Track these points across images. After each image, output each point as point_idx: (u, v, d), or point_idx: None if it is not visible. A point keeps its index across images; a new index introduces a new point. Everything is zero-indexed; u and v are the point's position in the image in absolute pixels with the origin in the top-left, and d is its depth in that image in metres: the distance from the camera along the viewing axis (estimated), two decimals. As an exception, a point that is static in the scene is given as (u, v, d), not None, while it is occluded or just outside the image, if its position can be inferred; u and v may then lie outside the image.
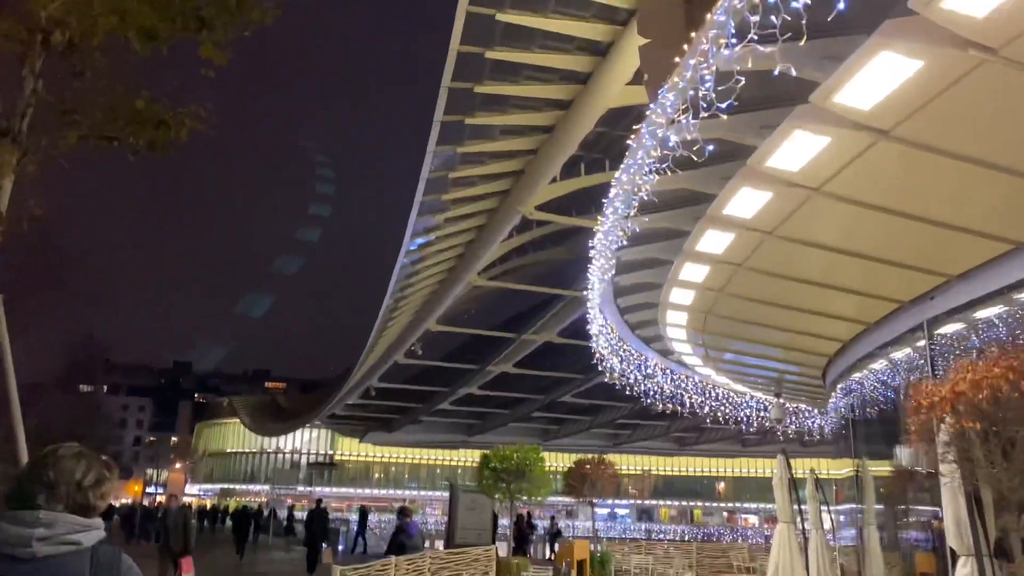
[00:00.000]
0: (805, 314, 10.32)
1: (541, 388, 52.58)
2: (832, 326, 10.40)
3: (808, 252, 7.96)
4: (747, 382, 14.52)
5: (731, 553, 19.77)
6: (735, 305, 10.17)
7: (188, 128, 5.64)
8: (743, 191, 6.89)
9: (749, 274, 8.79)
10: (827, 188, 6.46)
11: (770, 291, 9.46)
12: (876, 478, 10.70)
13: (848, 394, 11.47)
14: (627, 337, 13.17)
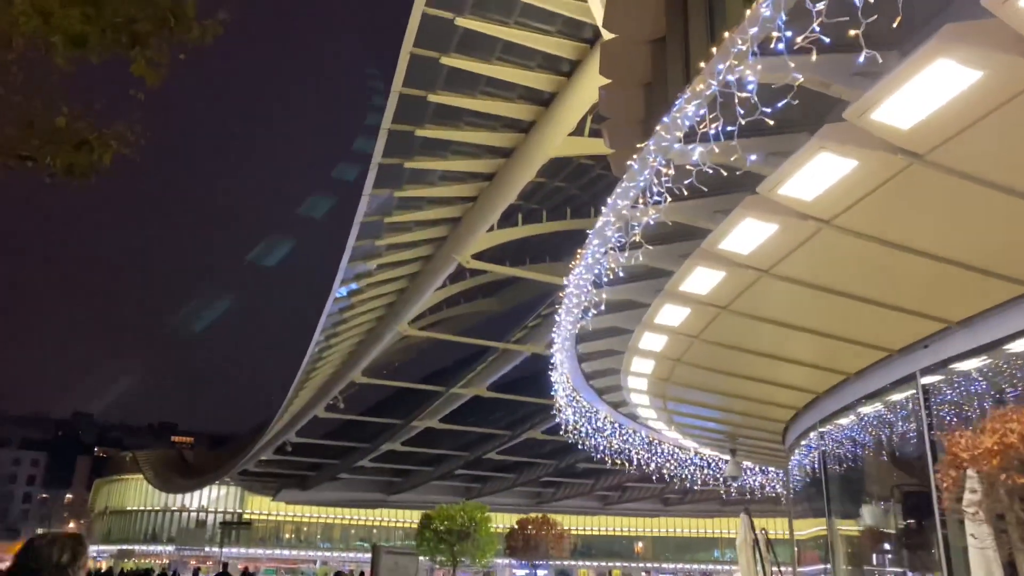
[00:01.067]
0: (762, 382, 10.12)
1: (466, 444, 51.30)
2: (789, 393, 10.15)
3: (760, 325, 8.33)
4: (701, 440, 14.09)
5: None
6: (693, 373, 10.11)
7: (113, 151, 5.11)
8: (698, 270, 7.24)
9: (705, 345, 9.10)
10: (775, 270, 6.87)
11: (727, 360, 9.51)
12: (845, 538, 10.30)
13: (810, 452, 11.11)
14: (581, 387, 12.59)
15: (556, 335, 11.16)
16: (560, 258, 31.68)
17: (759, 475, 19.20)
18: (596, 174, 26.49)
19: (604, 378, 11.85)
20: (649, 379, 10.57)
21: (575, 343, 10.16)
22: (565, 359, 11.42)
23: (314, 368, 32.98)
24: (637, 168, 6.45)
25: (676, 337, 9.11)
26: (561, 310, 10.32)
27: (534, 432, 44.93)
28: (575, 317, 9.55)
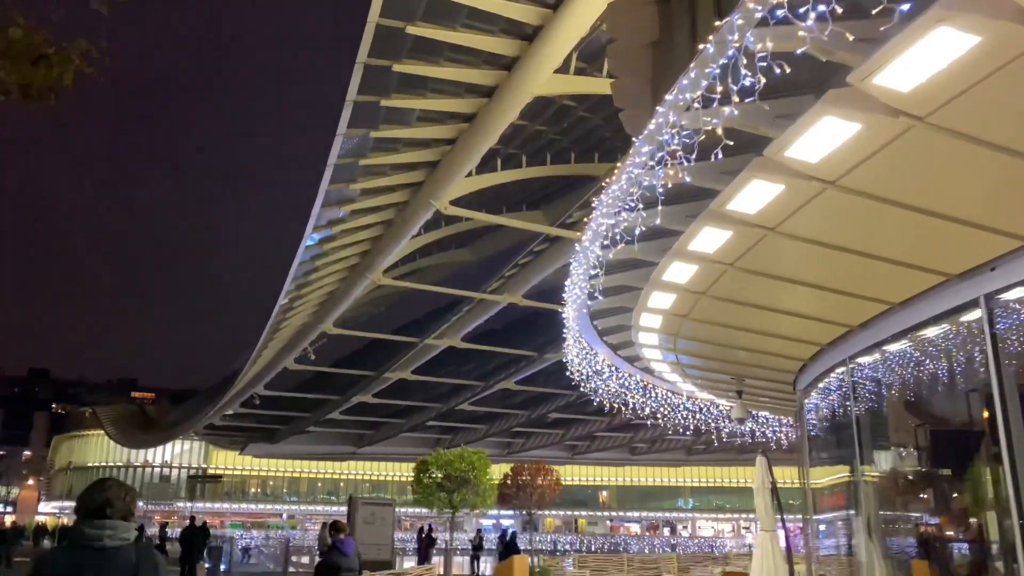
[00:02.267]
0: (778, 312, 9.70)
1: (438, 396, 50.88)
2: (811, 327, 9.74)
3: (771, 281, 8.56)
4: (705, 383, 13.69)
5: (661, 563, 19.04)
6: (712, 310, 9.94)
7: (74, 68, 4.70)
8: (706, 229, 7.45)
9: (713, 300, 9.29)
10: (781, 228, 7.11)
11: (745, 296, 9.37)
12: (880, 483, 9.94)
13: (828, 396, 10.67)
14: (585, 328, 12.04)
15: (570, 278, 10.57)
16: (538, 206, 30.94)
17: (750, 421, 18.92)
18: (578, 116, 25.64)
19: (608, 318, 11.30)
20: (663, 317, 10.09)
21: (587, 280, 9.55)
22: (573, 299, 10.86)
23: (284, 319, 32.00)
24: (652, 131, 6.39)
25: (684, 294, 9.13)
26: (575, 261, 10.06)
27: (507, 382, 44.62)
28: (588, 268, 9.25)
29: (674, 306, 9.50)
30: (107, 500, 3.59)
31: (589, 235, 8.55)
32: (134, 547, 3.59)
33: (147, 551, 3.65)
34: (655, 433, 66.15)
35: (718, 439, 21.25)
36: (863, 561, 9.30)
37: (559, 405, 50.32)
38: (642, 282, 9.01)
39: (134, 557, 3.55)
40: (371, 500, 33.34)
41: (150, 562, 3.61)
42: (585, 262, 9.12)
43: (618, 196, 7.35)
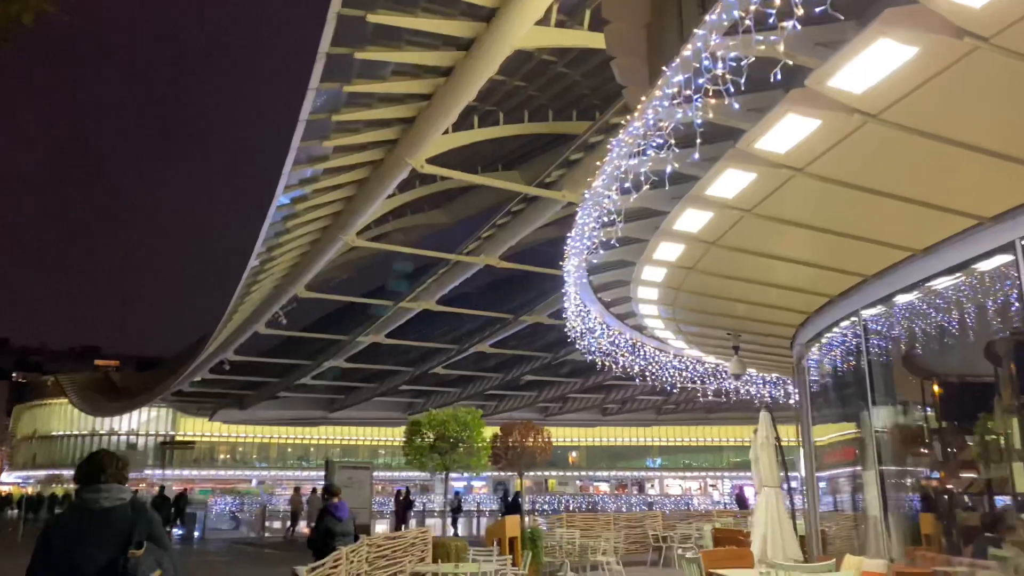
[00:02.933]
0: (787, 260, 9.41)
1: (411, 360, 50.48)
2: (819, 277, 9.51)
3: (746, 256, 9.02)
4: (701, 339, 13.47)
5: (646, 522, 19.01)
6: (707, 280, 10.33)
7: (34, 7, 4.55)
8: (688, 211, 7.88)
9: (701, 274, 9.81)
10: (757, 210, 7.53)
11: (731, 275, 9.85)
12: (894, 438, 9.79)
13: (831, 350, 10.44)
14: (580, 284, 11.69)
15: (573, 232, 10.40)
16: (514, 166, 30.36)
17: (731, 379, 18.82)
18: (557, 72, 25.03)
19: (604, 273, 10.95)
20: (668, 269, 9.92)
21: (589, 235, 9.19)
22: (577, 251, 10.49)
23: (255, 282, 31.22)
24: (676, 67, 6.13)
25: (694, 244, 9.09)
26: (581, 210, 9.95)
27: (482, 345, 44.33)
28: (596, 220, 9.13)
29: (681, 258, 9.25)
30: (101, 468, 4.12)
31: (603, 180, 8.10)
32: (129, 506, 4.09)
33: (141, 508, 4.15)
34: (626, 394, 66.64)
35: (702, 396, 21.15)
36: (874, 515, 9.15)
37: (533, 367, 50.27)
38: (649, 233, 8.75)
39: (130, 514, 4.04)
40: (349, 464, 33.07)
41: (144, 518, 4.07)
42: (597, 209, 8.71)
43: (639, 135, 6.87)
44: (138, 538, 3.91)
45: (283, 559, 23.40)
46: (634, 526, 18.78)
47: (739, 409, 79.64)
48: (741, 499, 36.66)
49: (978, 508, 8.48)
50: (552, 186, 26.34)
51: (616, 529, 17.77)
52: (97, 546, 3.84)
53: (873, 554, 8.74)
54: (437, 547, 11.94)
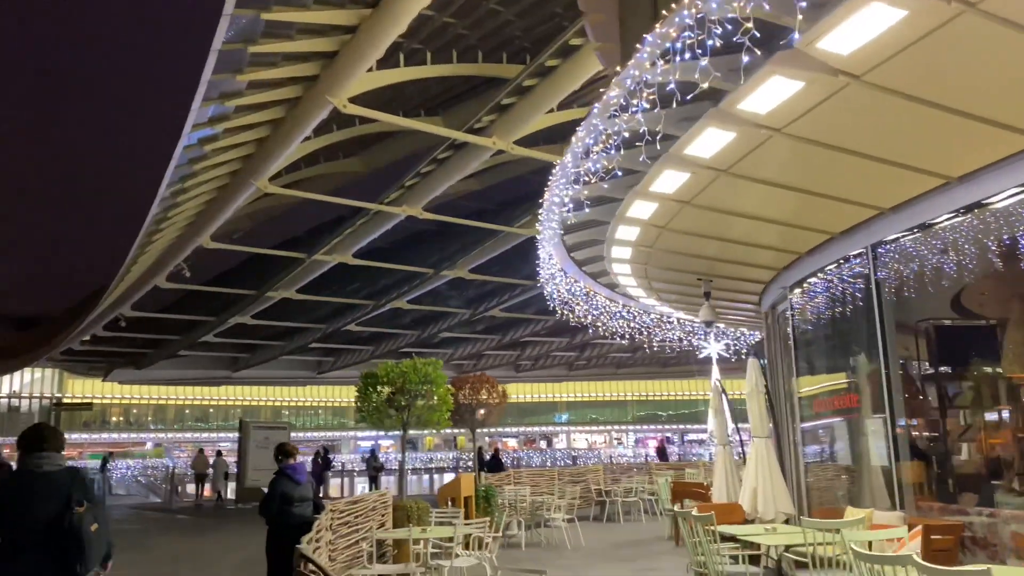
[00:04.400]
0: None
1: (322, 316, 48.56)
2: None
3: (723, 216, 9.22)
4: (671, 294, 12.99)
5: (588, 476, 18.58)
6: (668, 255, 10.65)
7: None
8: (666, 172, 8.08)
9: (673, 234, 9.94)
10: (733, 169, 7.73)
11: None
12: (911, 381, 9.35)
13: (825, 291, 9.86)
14: (546, 227, 10.87)
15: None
16: (437, 112, 28.91)
17: (678, 329, 18.39)
18: (488, 9, 23.69)
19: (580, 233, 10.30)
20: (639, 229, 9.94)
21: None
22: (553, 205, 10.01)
23: (156, 231, 28.84)
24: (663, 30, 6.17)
25: (647, 227, 9.54)
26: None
27: (399, 302, 42.96)
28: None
29: (654, 216, 9.39)
30: (43, 437, 4.67)
31: (584, 134, 8.10)
32: (67, 471, 4.63)
33: (76, 473, 4.68)
34: (540, 350, 66.71)
35: (648, 346, 20.76)
36: (878, 466, 8.71)
37: (450, 324, 49.29)
38: (623, 192, 8.86)
39: (68, 477, 4.56)
40: (265, 424, 31.41)
41: (80, 481, 4.56)
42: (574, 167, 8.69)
43: (623, 94, 6.86)
44: (79, 497, 4.40)
45: (197, 525, 21.88)
46: (577, 481, 18.31)
47: (646, 364, 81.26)
48: (662, 451, 37.15)
49: (994, 454, 8.15)
50: (482, 132, 25.14)
51: (561, 483, 17.22)
52: (43, 504, 4.36)
53: (871, 506, 8.32)
54: (396, 510, 10.98)
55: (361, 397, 11.84)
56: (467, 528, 9.23)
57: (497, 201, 37.57)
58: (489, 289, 44.99)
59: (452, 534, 8.46)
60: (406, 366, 11.58)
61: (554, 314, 53.62)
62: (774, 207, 8.89)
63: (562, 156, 9.27)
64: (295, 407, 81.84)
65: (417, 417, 11.56)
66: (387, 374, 11.53)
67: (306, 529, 8.15)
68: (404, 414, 11.46)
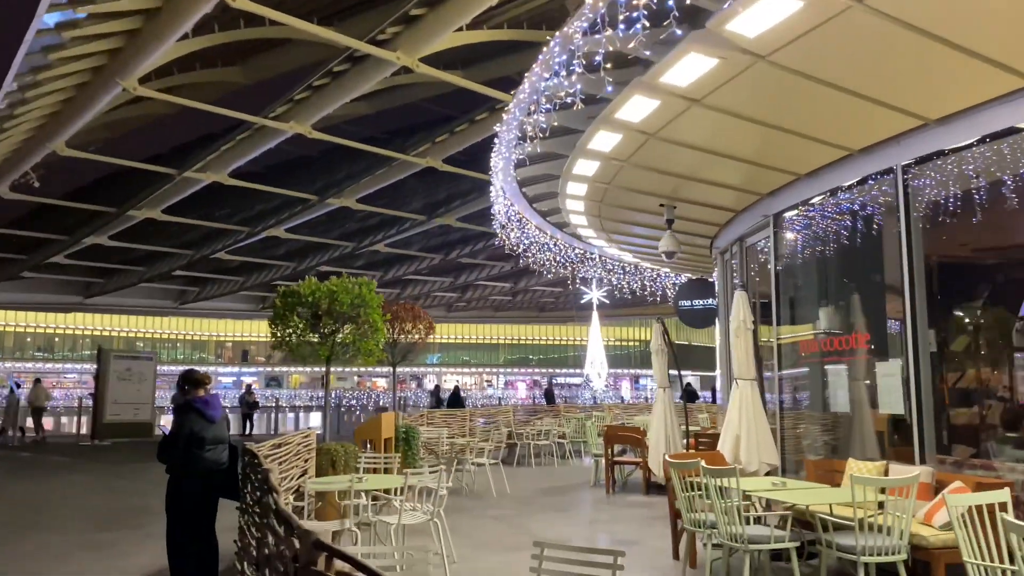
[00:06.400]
0: None
1: (189, 242, 45.00)
2: None
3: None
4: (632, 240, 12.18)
5: (499, 418, 17.73)
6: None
7: None
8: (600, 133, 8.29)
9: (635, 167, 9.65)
10: (706, 100, 7.42)
11: None
12: None
13: (820, 216, 9.04)
14: (499, 152, 9.77)
15: None
16: (332, 21, 26.50)
17: (600, 267, 17.60)
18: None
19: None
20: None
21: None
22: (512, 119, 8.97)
23: (1, 130, 25.22)
24: None
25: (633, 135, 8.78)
26: None
27: (277, 230, 40.28)
28: None
29: (615, 150, 8.85)
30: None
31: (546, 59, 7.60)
32: None
33: None
34: (420, 290, 65.29)
35: (571, 283, 19.98)
36: (883, 415, 8.09)
37: (330, 257, 46.92)
38: (585, 124, 8.38)
39: None
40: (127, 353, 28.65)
41: None
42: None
43: None
44: None
45: (47, 464, 19.50)
46: (488, 422, 17.43)
47: (524, 308, 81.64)
48: (549, 394, 37.03)
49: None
50: (385, 45, 23.16)
51: (473, 424, 16.29)
52: None
53: (860, 457, 7.76)
54: (319, 454, 9.58)
55: (278, 320, 10.20)
56: (418, 478, 7.95)
57: (389, 128, 35.59)
58: (374, 223, 43.01)
59: (402, 484, 7.22)
60: (334, 284, 10.02)
61: (440, 252, 52.15)
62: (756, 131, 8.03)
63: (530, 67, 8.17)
64: (152, 339, 76.92)
65: (344, 346, 10.03)
66: (311, 293, 9.91)
67: (218, 478, 6.70)
68: (329, 342, 9.92)
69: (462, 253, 48.75)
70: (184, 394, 6.86)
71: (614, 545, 9.13)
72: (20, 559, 8.64)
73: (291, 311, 10.06)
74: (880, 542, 5.70)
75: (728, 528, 6.23)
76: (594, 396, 45.35)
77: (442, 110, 33.02)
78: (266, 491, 4.04)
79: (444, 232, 45.57)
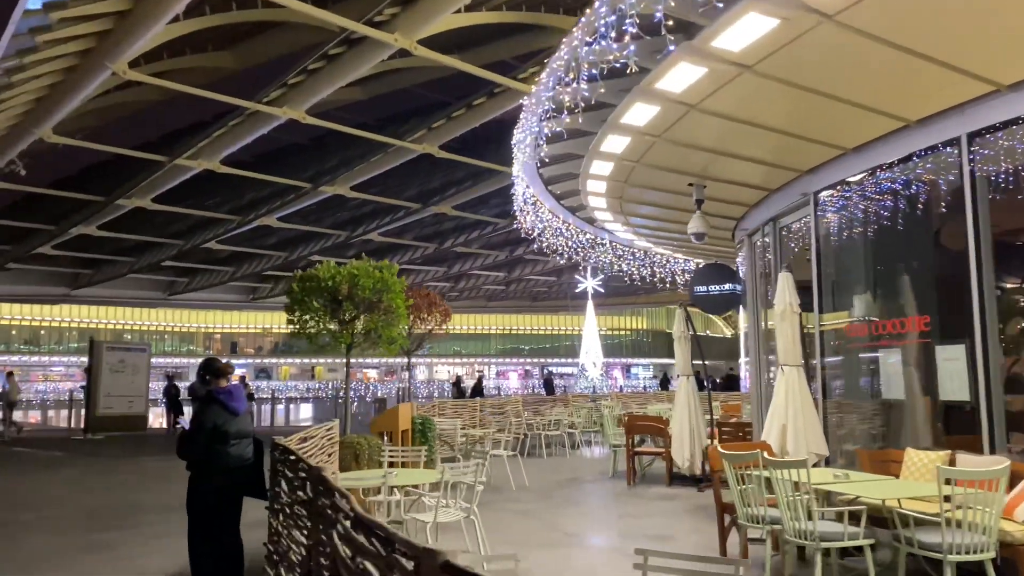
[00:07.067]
0: None
1: (179, 232, 44.21)
2: None
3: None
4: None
5: (507, 407, 17.30)
6: None
7: None
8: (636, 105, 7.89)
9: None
10: (759, 67, 7.03)
11: None
12: None
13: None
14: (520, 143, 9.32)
15: None
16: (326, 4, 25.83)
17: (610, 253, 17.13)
18: None
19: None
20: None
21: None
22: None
23: (-16, 116, 24.46)
24: None
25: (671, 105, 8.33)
26: None
27: (269, 218, 39.56)
28: None
29: (650, 124, 8.40)
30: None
31: None
32: None
33: None
34: (414, 280, 64.60)
35: (582, 268, 19.51)
36: (942, 400, 7.65)
37: (322, 247, 46.20)
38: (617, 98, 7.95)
39: None
40: (120, 344, 27.95)
41: None
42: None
43: None
44: None
45: (36, 460, 18.91)
46: (500, 410, 17.01)
47: (517, 298, 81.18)
48: (549, 384, 36.61)
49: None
50: (383, 26, 22.54)
51: (483, 414, 15.85)
52: None
53: (913, 445, 7.36)
54: (342, 447, 9.10)
55: (296, 305, 9.63)
56: (453, 474, 7.45)
57: (380, 116, 34.94)
58: (367, 211, 42.37)
59: (437, 479, 6.73)
60: (355, 267, 9.47)
61: (434, 241, 51.55)
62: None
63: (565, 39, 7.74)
64: (140, 331, 75.98)
65: (366, 334, 9.46)
66: (331, 277, 9.35)
67: (242, 475, 6.18)
68: (349, 330, 9.36)
69: (456, 242, 48.18)
70: (205, 384, 6.30)
71: (651, 541, 8.71)
72: (22, 563, 8.13)
73: (309, 296, 9.50)
74: (966, 539, 5.30)
75: (794, 524, 5.80)
76: (593, 385, 44.97)
77: (436, 96, 32.42)
78: (324, 493, 3.56)
79: (438, 221, 44.98)
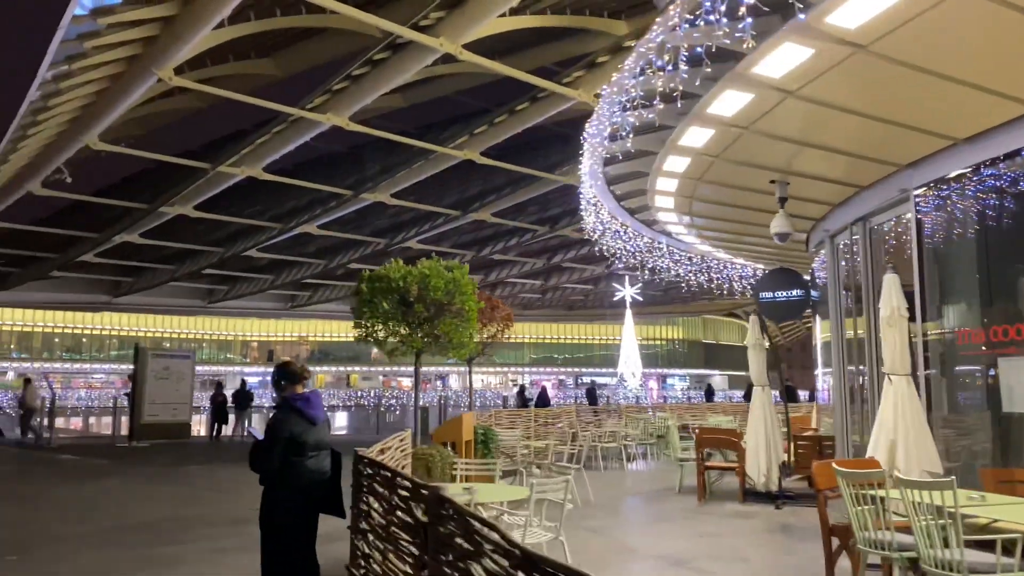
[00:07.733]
0: None
1: (220, 239, 44.38)
2: None
3: None
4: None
5: (563, 418, 16.81)
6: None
7: None
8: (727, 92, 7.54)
9: None
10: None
11: None
12: None
13: None
14: (592, 151, 8.84)
15: None
16: (368, 8, 25.64)
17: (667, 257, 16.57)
18: None
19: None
20: None
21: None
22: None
23: (33, 123, 24.56)
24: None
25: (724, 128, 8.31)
26: None
27: (310, 226, 39.51)
28: None
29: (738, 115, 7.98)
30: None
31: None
32: None
33: None
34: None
35: (640, 274, 19.06)
36: None
37: (362, 254, 46.08)
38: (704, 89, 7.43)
39: None
40: (165, 352, 27.94)
41: None
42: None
43: None
44: None
45: (81, 467, 18.77)
46: (552, 423, 16.50)
47: (552, 306, 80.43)
48: (592, 394, 36.00)
49: None
50: (428, 31, 22.24)
51: (536, 424, 15.36)
52: None
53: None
54: (415, 459, 8.67)
55: (365, 306, 9.17)
56: (544, 491, 6.93)
57: (420, 123, 34.68)
58: (406, 219, 42.19)
59: (526, 496, 6.25)
60: (427, 267, 9.00)
61: (472, 248, 51.27)
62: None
63: None
64: (179, 339, 76.75)
65: (436, 338, 8.97)
66: (402, 277, 8.89)
67: (318, 490, 5.71)
68: (419, 333, 8.89)
69: (495, 249, 47.79)
70: (280, 391, 5.85)
71: (739, 563, 8.13)
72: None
73: (379, 297, 9.01)
74: None
75: (931, 552, 5.21)
76: (636, 396, 44.19)
77: (474, 103, 32.11)
78: (454, 519, 3.07)
79: (477, 228, 44.68)
